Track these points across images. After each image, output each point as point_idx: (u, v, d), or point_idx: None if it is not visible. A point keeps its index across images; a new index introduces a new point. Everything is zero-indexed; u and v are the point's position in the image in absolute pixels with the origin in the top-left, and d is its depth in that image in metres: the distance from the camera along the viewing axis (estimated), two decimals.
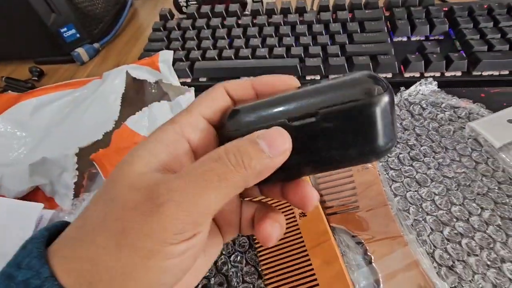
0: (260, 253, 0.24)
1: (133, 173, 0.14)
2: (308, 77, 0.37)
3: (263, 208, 0.17)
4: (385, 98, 0.13)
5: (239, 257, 0.25)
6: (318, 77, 0.37)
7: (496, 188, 0.27)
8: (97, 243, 0.13)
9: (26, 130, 0.33)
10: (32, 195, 0.30)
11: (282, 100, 0.15)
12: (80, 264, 0.13)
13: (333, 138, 0.14)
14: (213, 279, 0.24)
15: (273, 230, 0.16)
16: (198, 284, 0.24)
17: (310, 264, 0.23)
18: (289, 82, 0.16)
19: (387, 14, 0.42)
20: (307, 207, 0.16)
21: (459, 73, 0.35)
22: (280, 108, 0.15)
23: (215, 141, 0.16)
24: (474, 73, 0.34)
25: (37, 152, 0.29)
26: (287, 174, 0.15)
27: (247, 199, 0.18)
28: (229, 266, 0.25)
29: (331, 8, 0.43)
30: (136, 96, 0.39)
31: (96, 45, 0.51)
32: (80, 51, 0.49)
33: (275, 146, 0.13)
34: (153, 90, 0.40)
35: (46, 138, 0.31)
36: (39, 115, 0.34)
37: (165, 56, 0.37)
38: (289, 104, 0.15)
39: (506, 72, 0.34)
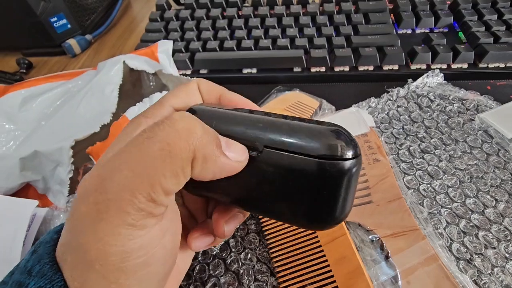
0: (272, 249, 0.23)
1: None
2: (313, 69, 0.36)
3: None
4: (351, 166, 0.11)
5: (249, 255, 0.24)
6: (323, 69, 0.36)
7: (510, 179, 0.26)
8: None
9: (15, 123, 0.30)
10: (22, 192, 0.28)
11: (239, 120, 0.14)
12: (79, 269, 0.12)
13: (270, 183, 0.12)
14: (223, 277, 0.23)
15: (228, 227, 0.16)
16: (207, 282, 0.23)
17: (326, 260, 0.22)
18: (251, 108, 0.17)
19: (390, 6, 0.42)
20: (217, 232, 0.16)
21: (465, 65, 0.34)
22: (234, 128, 0.14)
23: None
24: (481, 65, 0.34)
25: (28, 145, 0.27)
26: (224, 197, 0.15)
27: None
28: (240, 264, 0.23)
29: (334, 0, 0.42)
30: (133, 87, 0.37)
31: (88, 36, 0.49)
32: (72, 42, 0.46)
33: (234, 151, 0.13)
34: (151, 82, 0.38)
35: (38, 131, 0.29)
36: (29, 107, 0.32)
37: (165, 46, 0.35)
38: (246, 127, 0.13)
39: None
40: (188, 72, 0.38)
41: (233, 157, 0.13)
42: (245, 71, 0.37)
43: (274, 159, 0.12)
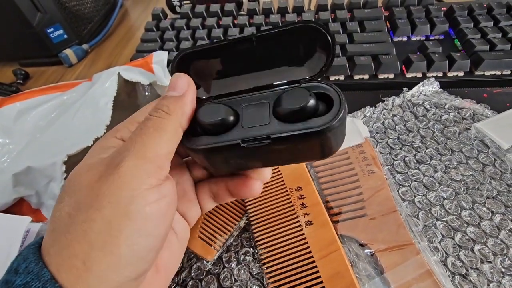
0: (266, 265, 0.23)
1: (86, 163, 0.16)
2: None
3: (218, 181, 0.20)
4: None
5: (242, 271, 0.24)
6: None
7: (506, 191, 0.26)
8: (75, 226, 0.13)
9: (10, 137, 0.30)
10: (16, 207, 0.28)
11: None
12: (70, 263, 0.13)
13: (284, 154, 0.16)
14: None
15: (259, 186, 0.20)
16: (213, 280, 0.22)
17: (319, 276, 0.21)
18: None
19: (385, 13, 0.42)
20: (251, 194, 0.19)
21: (461, 73, 0.34)
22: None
23: None
24: (477, 73, 0.34)
25: (21, 160, 0.27)
26: (235, 167, 0.18)
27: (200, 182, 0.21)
28: (233, 280, 0.23)
29: (329, 8, 0.42)
30: (128, 99, 0.37)
31: (85, 46, 0.49)
32: (68, 52, 0.47)
33: (178, 87, 0.17)
34: (146, 93, 0.38)
35: (31, 145, 0.29)
36: (24, 120, 0.32)
37: (160, 57, 0.35)
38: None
39: (508, 72, 0.34)
40: None
41: (182, 89, 0.17)
42: None
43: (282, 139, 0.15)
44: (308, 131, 0.14)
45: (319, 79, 0.16)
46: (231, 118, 0.16)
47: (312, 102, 0.15)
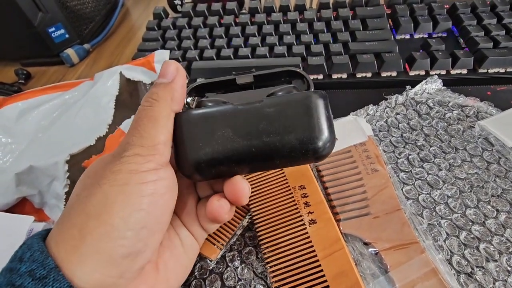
0: (270, 264, 0.23)
1: (94, 163, 0.16)
2: (311, 76, 0.36)
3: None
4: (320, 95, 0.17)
5: (246, 270, 0.23)
6: (321, 77, 0.36)
7: (511, 189, 0.26)
8: (78, 203, 0.15)
9: (12, 136, 0.30)
10: (19, 206, 0.28)
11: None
12: (68, 233, 0.14)
13: (273, 122, 0.16)
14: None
15: (219, 203, 0.18)
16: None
17: (323, 276, 0.21)
18: None
19: (388, 11, 0.41)
20: (239, 199, 0.18)
21: (464, 71, 0.34)
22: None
23: None
24: (480, 70, 0.34)
25: (23, 159, 0.27)
26: (229, 168, 0.17)
27: (203, 197, 0.21)
28: (236, 279, 0.23)
29: (331, 6, 0.42)
30: (130, 98, 0.37)
31: (86, 46, 0.49)
32: (70, 52, 0.46)
33: (167, 73, 0.17)
34: None
35: (33, 145, 0.29)
36: (26, 119, 0.32)
37: (161, 56, 0.35)
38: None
39: None
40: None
41: (172, 74, 0.17)
42: None
43: (275, 101, 0.17)
44: (293, 94, 0.17)
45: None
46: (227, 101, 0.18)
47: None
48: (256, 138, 0.16)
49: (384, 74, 0.35)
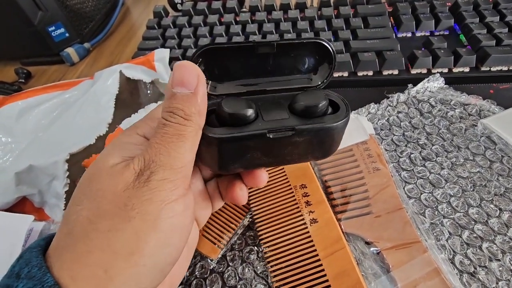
0: (270, 263, 0.23)
1: (108, 164, 0.15)
2: None
3: (225, 180, 0.20)
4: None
5: (247, 269, 0.23)
6: None
7: None
8: (97, 233, 0.13)
9: (12, 136, 0.30)
10: (19, 206, 0.28)
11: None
12: (91, 271, 0.13)
13: (299, 147, 0.17)
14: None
15: (242, 192, 0.19)
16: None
17: (325, 275, 0.21)
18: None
19: (389, 9, 0.41)
20: (259, 185, 0.19)
21: (467, 69, 0.34)
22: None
23: None
24: (483, 68, 0.33)
25: (23, 159, 0.27)
26: (248, 165, 0.18)
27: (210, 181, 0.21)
28: (237, 279, 0.23)
29: (332, 4, 0.42)
30: (130, 97, 0.37)
31: (86, 45, 0.49)
32: (70, 51, 0.46)
33: (187, 83, 0.15)
34: (148, 91, 0.38)
35: (33, 144, 0.29)
36: (26, 119, 0.32)
37: (161, 55, 0.35)
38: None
39: None
40: None
41: (193, 84, 0.15)
42: None
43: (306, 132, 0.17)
44: (328, 125, 0.16)
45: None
46: (253, 111, 0.16)
47: (326, 101, 0.17)
48: (281, 157, 0.18)
49: (385, 73, 0.35)
